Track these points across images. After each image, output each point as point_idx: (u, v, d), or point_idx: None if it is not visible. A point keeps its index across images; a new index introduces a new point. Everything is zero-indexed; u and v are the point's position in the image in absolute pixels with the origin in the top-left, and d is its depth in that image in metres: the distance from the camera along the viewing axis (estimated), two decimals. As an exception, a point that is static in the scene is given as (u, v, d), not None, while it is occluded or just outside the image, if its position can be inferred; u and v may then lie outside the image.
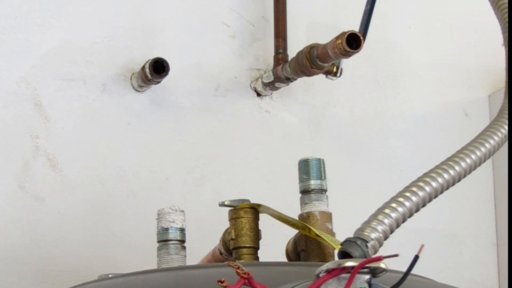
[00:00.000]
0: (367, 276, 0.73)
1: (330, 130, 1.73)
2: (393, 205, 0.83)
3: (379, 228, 0.81)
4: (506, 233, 1.75)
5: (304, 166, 1.08)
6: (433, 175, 0.86)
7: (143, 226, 1.47)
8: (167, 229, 1.10)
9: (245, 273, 0.68)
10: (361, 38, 1.40)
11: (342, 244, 0.80)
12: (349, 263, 0.72)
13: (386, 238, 0.81)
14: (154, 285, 0.89)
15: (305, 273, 0.81)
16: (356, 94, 1.77)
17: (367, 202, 1.29)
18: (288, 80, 1.61)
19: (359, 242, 0.79)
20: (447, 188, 0.87)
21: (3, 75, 1.51)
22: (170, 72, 1.50)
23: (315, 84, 1.72)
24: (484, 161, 0.91)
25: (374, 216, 0.82)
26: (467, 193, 1.77)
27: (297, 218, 1.06)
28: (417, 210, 0.85)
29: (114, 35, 1.59)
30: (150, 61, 1.50)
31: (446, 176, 0.86)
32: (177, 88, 1.63)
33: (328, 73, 1.61)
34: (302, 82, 1.67)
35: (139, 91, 1.59)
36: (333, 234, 1.05)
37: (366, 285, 0.73)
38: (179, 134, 1.61)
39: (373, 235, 0.80)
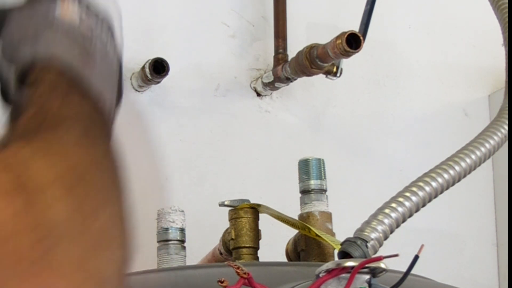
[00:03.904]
0: (367, 276, 0.73)
1: (330, 130, 1.73)
2: (393, 205, 0.83)
3: (379, 228, 0.81)
4: (506, 233, 1.75)
5: (304, 166, 1.08)
6: (433, 175, 0.86)
7: (143, 226, 1.47)
8: (167, 229, 1.10)
9: (245, 273, 0.68)
10: (361, 38, 1.40)
11: (342, 244, 0.80)
12: (349, 263, 0.72)
13: (386, 238, 0.81)
14: (154, 285, 0.89)
15: (305, 273, 0.81)
16: (356, 94, 1.77)
17: (367, 202, 1.29)
18: (288, 80, 1.61)
19: (359, 242, 0.79)
20: (447, 188, 0.87)
21: (3, 75, 1.51)
22: (170, 72, 1.50)
23: (315, 84, 1.72)
24: (484, 161, 0.91)
25: (374, 216, 0.82)
26: (467, 193, 1.77)
27: (297, 218, 1.06)
28: (417, 210, 0.84)
29: (114, 35, 1.59)
30: (150, 61, 1.50)
31: (446, 176, 0.86)
32: (177, 88, 1.63)
33: (328, 73, 1.61)
34: (302, 82, 1.67)
35: (139, 91, 1.59)
36: (333, 234, 1.05)
37: (366, 285, 0.73)
38: (179, 134, 1.61)
39: (373, 235, 0.80)
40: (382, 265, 0.72)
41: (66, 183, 0.45)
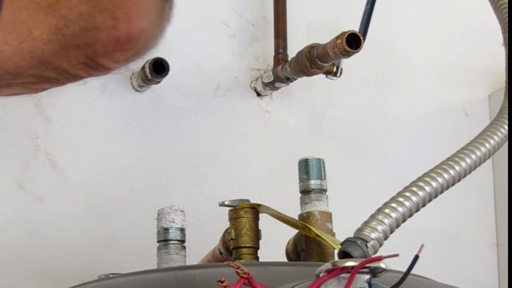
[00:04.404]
0: (367, 276, 0.73)
1: (330, 130, 1.73)
2: (393, 205, 0.83)
3: (379, 228, 0.81)
4: (506, 233, 1.75)
5: (304, 166, 1.08)
6: (433, 175, 0.86)
7: (143, 226, 1.47)
8: (167, 229, 1.10)
9: (245, 273, 0.68)
10: (361, 38, 1.40)
11: (342, 244, 0.80)
12: (349, 263, 0.72)
13: (386, 238, 0.81)
14: (154, 285, 0.89)
15: (305, 273, 0.81)
16: (356, 94, 1.77)
17: (367, 202, 1.29)
18: (288, 80, 1.61)
19: (359, 242, 0.79)
20: (447, 188, 0.87)
21: (3, 75, 1.51)
22: (170, 72, 1.50)
23: (315, 84, 1.72)
24: (484, 161, 0.91)
25: (374, 216, 0.82)
26: (467, 193, 1.77)
27: (297, 218, 1.06)
28: (417, 210, 0.84)
29: (114, 35, 1.59)
30: (150, 61, 1.50)
31: (446, 176, 0.86)
32: (177, 88, 1.63)
33: (328, 73, 1.61)
34: (302, 82, 1.67)
35: (139, 91, 1.59)
36: (333, 234, 1.05)
37: (366, 285, 0.73)
38: (179, 134, 1.61)
39: (373, 235, 0.80)
40: (382, 265, 0.72)
41: None
